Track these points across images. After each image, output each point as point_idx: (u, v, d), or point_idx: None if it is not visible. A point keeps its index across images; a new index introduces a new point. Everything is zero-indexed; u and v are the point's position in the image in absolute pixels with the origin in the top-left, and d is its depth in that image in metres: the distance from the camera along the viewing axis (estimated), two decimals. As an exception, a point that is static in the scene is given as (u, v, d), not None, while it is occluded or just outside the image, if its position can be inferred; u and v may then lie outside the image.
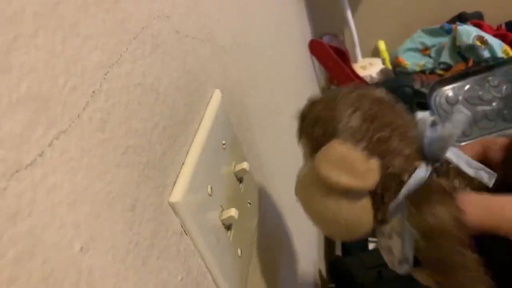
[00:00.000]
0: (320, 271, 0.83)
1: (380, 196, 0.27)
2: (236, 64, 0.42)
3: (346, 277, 0.76)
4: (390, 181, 0.26)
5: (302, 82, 0.95)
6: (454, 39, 1.08)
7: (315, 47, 1.12)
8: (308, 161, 0.30)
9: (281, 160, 0.57)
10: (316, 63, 1.15)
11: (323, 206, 0.27)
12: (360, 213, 0.27)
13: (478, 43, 1.02)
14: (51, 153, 0.17)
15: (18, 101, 0.15)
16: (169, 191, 0.26)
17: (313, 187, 0.27)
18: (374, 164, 0.26)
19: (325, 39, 1.29)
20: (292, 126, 0.34)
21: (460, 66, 1.09)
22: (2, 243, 0.14)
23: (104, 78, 0.21)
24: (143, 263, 0.22)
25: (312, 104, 0.30)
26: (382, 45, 1.39)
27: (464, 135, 1.04)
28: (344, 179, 0.25)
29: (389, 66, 1.29)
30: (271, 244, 0.47)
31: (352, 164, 0.25)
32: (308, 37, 1.19)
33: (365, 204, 0.27)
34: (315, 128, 0.28)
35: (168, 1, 0.29)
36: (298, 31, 1.03)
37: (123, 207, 0.21)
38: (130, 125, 0.22)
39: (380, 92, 0.29)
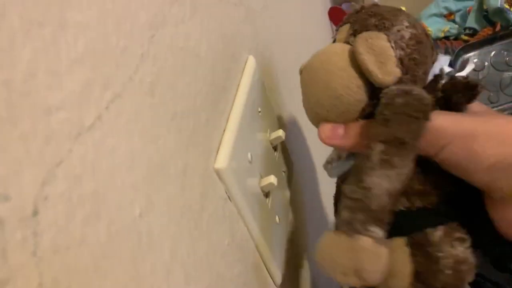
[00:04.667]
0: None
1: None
2: (266, 27, 0.41)
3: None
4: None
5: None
6: (481, 3, 1.03)
7: (335, 14, 1.09)
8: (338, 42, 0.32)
9: (308, 127, 0.56)
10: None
11: (338, 73, 0.29)
12: (358, 96, 0.29)
13: (507, 6, 0.97)
14: (108, 116, 0.17)
15: (76, 60, 0.15)
16: (214, 157, 0.26)
17: (338, 57, 0.29)
18: (398, 72, 0.27)
19: (344, 7, 1.25)
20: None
21: (486, 31, 1.05)
22: (72, 203, 0.14)
23: (151, 41, 0.20)
24: (196, 226, 0.22)
25: (376, 4, 0.32)
26: (403, 11, 1.34)
27: (490, 102, 1.01)
28: (371, 65, 0.27)
29: (411, 33, 1.25)
30: (301, 211, 0.47)
31: (386, 60, 0.27)
32: (328, 4, 1.16)
33: (363, 95, 0.29)
34: (372, 18, 0.30)
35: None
36: (318, -2, 1.00)
37: (175, 171, 0.20)
38: (176, 90, 0.22)
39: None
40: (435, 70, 0.31)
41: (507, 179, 0.25)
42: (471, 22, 1.08)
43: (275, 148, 0.38)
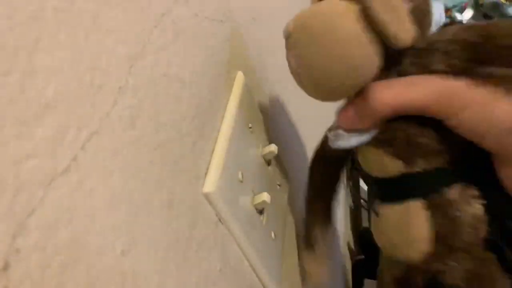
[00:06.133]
0: (348, 243, 0.83)
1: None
2: (256, 41, 0.41)
3: (375, 248, 0.76)
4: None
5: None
6: (477, -3, 1.03)
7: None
8: None
9: (305, 138, 0.56)
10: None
11: (350, 41, 0.25)
12: (377, 63, 0.26)
13: (502, 0, 0.96)
14: (84, 156, 0.16)
15: (47, 106, 0.15)
16: (202, 181, 0.25)
17: (347, 20, 0.25)
18: (414, 29, 0.25)
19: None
20: (313, 101, 0.31)
21: (484, 26, 1.04)
22: (46, 253, 0.14)
23: (130, 73, 0.20)
24: (184, 258, 0.21)
25: None
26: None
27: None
28: (392, 26, 0.24)
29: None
30: (301, 223, 0.46)
31: (402, 16, 0.24)
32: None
33: (381, 59, 0.26)
34: None
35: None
36: None
37: (160, 204, 0.20)
38: (159, 119, 0.22)
39: None
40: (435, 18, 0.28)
41: None
42: (467, 17, 1.07)
43: (268, 163, 0.38)
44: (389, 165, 0.29)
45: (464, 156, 0.28)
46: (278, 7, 0.55)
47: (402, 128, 0.28)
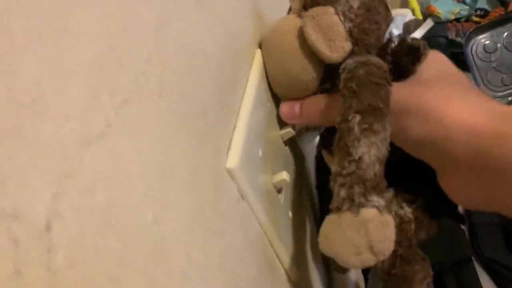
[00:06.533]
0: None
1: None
2: (274, 18, 0.40)
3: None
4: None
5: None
6: (492, -18, 1.01)
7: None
8: (294, 14, 0.32)
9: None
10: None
11: (291, 55, 0.30)
12: (315, 74, 0.30)
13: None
14: (117, 122, 0.16)
15: (80, 66, 0.15)
16: (224, 155, 0.25)
17: (291, 37, 0.30)
18: (348, 46, 0.28)
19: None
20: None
21: (498, 12, 1.02)
22: (85, 215, 0.14)
23: (156, 40, 0.20)
24: (208, 229, 0.21)
25: None
26: (411, -6, 1.31)
27: (504, 85, 0.99)
28: (319, 44, 0.27)
29: (420, 17, 1.22)
30: (314, 204, 0.46)
31: (334, 36, 0.27)
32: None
33: (319, 71, 0.30)
34: None
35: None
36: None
37: (185, 173, 0.20)
38: (182, 88, 0.21)
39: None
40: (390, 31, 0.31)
41: (432, 155, 0.26)
42: (482, 3, 1.05)
43: (285, 143, 0.37)
44: (332, 164, 0.32)
45: (402, 162, 0.29)
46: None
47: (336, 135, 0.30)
